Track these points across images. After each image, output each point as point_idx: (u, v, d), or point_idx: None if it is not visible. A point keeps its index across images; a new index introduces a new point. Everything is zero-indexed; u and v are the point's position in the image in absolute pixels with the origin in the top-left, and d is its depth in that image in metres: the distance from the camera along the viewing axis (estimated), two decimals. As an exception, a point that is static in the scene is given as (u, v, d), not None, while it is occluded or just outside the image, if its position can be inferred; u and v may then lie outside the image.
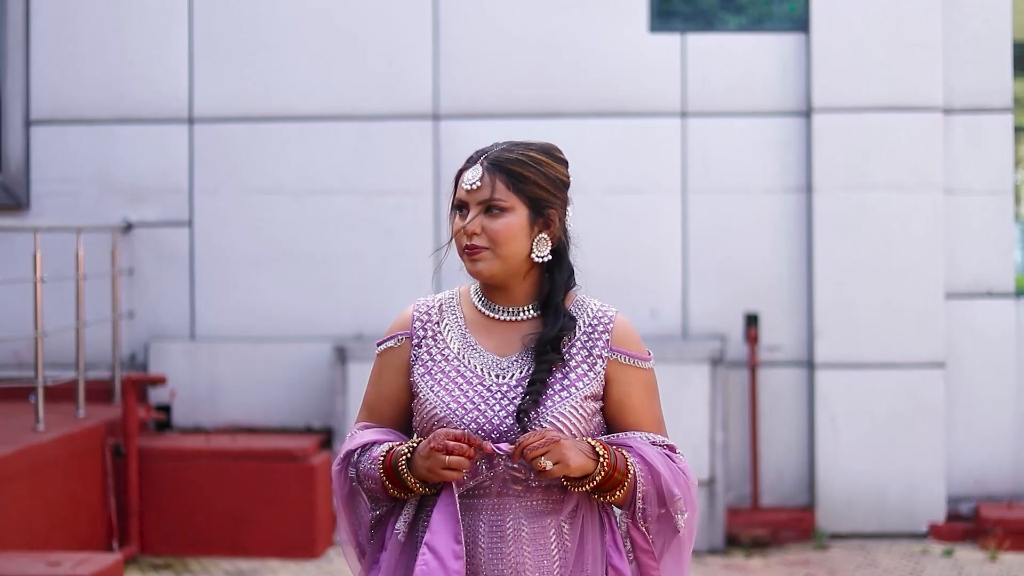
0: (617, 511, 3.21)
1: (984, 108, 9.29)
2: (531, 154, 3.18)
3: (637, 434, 3.19)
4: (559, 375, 3.15)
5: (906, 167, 9.14)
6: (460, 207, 3.19)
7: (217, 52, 9.42)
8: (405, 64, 9.39)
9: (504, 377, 3.16)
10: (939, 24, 9.15)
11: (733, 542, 8.89)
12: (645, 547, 3.18)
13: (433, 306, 3.26)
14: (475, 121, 9.30)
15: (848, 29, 9.17)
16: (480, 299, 3.24)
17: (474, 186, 3.14)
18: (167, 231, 9.43)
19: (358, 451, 3.21)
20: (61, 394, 8.65)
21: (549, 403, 3.12)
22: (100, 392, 9.09)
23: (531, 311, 3.21)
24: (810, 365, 9.21)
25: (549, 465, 3.00)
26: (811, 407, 9.20)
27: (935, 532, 9.01)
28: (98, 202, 9.43)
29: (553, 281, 3.20)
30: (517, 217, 3.14)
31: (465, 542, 3.07)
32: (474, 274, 3.18)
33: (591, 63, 9.35)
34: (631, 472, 3.11)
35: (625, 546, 3.20)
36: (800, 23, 9.30)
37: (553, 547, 3.12)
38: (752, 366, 9.17)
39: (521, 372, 3.16)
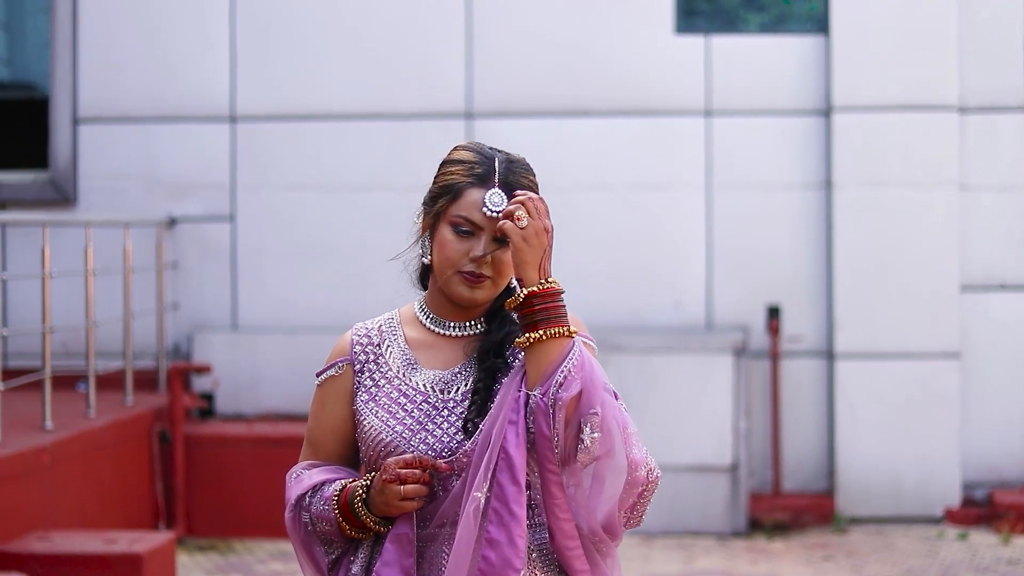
0: (533, 395, 2.84)
1: (998, 107, 9.47)
2: (533, 179, 2.96)
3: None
4: (505, 381, 2.88)
5: (922, 164, 9.34)
6: (466, 230, 2.91)
7: (257, 53, 9.66)
8: (438, 64, 9.61)
9: (449, 392, 2.94)
10: (954, 25, 9.34)
11: (755, 526, 9.12)
12: (545, 432, 2.80)
13: (372, 328, 3.05)
14: (507, 120, 9.50)
15: (867, 31, 9.37)
16: (429, 316, 3.02)
17: (500, 214, 2.88)
18: (210, 226, 9.68)
19: (309, 493, 2.97)
20: (109, 382, 8.91)
21: None
22: (146, 381, 9.34)
23: (480, 325, 2.99)
24: (830, 355, 9.42)
25: (525, 221, 2.80)
26: (831, 396, 9.41)
27: (950, 516, 9.20)
28: (143, 198, 9.67)
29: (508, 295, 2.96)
30: None
31: (427, 573, 2.88)
32: (469, 300, 2.94)
33: (618, 63, 9.55)
34: (573, 339, 2.82)
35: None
36: (820, 25, 9.50)
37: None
38: (774, 356, 9.38)
39: (466, 385, 2.94)
